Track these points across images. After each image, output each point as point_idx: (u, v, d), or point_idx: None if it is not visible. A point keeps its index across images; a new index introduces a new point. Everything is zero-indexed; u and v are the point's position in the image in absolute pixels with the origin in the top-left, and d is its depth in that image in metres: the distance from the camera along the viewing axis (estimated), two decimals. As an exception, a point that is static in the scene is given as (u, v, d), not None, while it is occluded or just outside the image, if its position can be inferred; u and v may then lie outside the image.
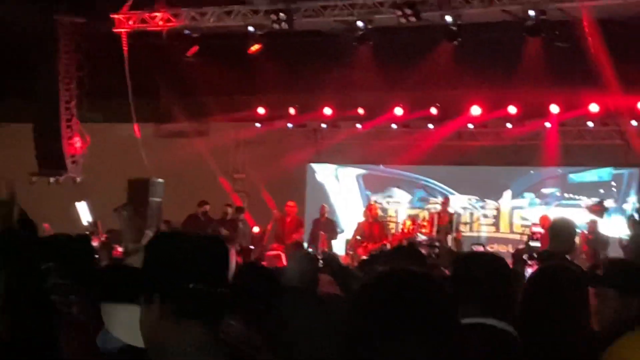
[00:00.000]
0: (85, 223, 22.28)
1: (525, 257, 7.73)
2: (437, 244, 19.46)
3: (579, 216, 19.85)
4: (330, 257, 11.32)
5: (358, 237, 21.20)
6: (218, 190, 25.15)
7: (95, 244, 13.42)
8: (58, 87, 23.31)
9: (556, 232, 8.64)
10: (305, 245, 20.59)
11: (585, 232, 19.19)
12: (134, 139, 23.04)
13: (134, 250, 15.08)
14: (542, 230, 18.41)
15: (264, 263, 11.65)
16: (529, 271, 7.78)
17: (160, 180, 22.78)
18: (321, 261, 9.85)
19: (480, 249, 19.11)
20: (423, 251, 9.28)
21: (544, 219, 20.41)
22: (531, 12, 18.97)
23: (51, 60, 23.29)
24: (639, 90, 20.07)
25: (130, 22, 22.63)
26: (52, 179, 23.79)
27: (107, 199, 22.24)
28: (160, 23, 22.51)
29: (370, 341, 2.40)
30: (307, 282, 6.94)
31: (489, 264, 4.57)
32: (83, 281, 5.69)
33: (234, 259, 3.07)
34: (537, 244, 17.68)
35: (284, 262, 12.11)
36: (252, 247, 21.07)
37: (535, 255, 8.00)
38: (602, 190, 22.69)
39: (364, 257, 15.47)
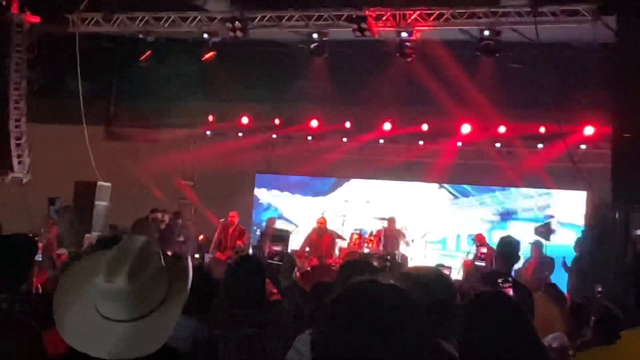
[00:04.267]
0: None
1: (500, 281, 7.60)
2: (389, 257, 19.34)
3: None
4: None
5: (307, 249, 21.15)
6: (165, 196, 25.01)
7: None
8: (8, 86, 22.93)
9: (502, 251, 8.65)
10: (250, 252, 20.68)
11: (531, 257, 19.21)
12: (83, 141, 22.75)
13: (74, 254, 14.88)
14: (485, 250, 18.35)
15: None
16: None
17: (107, 184, 22.55)
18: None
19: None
20: (375, 263, 9.19)
21: (480, 237, 20.48)
22: (486, 32, 19.12)
23: (1, 58, 22.92)
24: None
25: (85, 24, 22.41)
26: (-3, 179, 23.40)
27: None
28: (115, 26, 22.34)
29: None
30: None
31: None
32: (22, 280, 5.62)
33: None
34: (483, 264, 17.66)
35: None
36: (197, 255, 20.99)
37: (509, 279, 7.86)
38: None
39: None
